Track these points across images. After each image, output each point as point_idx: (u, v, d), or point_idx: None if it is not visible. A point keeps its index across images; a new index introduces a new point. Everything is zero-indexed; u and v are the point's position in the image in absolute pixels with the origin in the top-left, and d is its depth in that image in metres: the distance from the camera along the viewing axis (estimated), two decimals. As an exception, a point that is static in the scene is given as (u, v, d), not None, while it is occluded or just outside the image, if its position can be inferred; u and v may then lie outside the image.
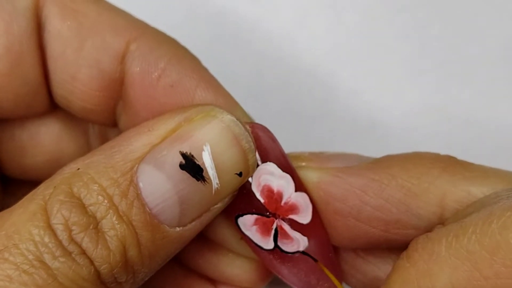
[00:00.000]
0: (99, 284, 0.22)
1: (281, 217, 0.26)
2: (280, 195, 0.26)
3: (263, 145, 0.26)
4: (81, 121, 0.31)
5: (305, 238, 0.26)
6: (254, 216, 0.26)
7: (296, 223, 0.26)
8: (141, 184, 0.23)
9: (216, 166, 0.24)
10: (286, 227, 0.26)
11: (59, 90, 0.28)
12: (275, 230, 0.26)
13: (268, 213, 0.26)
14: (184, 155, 0.23)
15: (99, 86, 0.27)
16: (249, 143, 0.25)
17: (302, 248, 0.26)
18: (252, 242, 0.26)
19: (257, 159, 0.26)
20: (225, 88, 0.27)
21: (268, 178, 0.26)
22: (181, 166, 0.23)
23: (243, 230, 0.26)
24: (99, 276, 0.22)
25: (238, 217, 0.26)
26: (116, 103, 0.28)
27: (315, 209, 0.26)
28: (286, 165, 0.26)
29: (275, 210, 0.26)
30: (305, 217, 0.26)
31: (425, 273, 0.21)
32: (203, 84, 0.26)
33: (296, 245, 0.26)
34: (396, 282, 0.22)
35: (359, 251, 0.28)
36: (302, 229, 0.26)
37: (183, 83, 0.26)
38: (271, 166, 0.26)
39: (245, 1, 0.43)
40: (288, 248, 0.26)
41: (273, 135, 0.26)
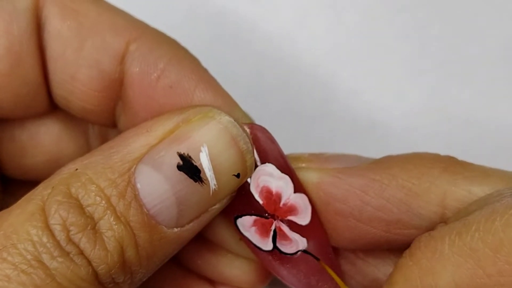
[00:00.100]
0: (97, 285, 0.23)
1: (280, 218, 0.26)
2: (279, 196, 0.26)
3: (262, 146, 0.26)
4: (81, 122, 0.31)
5: (304, 240, 0.26)
6: (253, 217, 0.26)
7: (295, 224, 0.26)
8: (139, 185, 0.23)
9: (214, 167, 0.24)
10: (285, 228, 0.26)
11: (59, 91, 0.28)
12: (274, 231, 0.26)
13: (267, 214, 0.26)
14: (182, 156, 0.23)
15: (99, 87, 0.27)
16: (247, 144, 0.25)
17: (301, 249, 0.26)
18: (251, 243, 0.26)
19: (256, 160, 0.26)
20: (225, 89, 0.27)
21: (267, 179, 0.26)
22: (179, 167, 0.23)
23: (242, 231, 0.26)
24: (97, 277, 0.22)
25: (237, 218, 0.26)
26: (116, 104, 0.28)
27: (314, 210, 0.26)
28: (285, 166, 0.26)
29: (274, 211, 0.26)
30: (304, 218, 0.26)
31: (428, 271, 0.21)
32: (202, 85, 0.26)
33: (295, 246, 0.26)
34: (399, 281, 0.22)
35: (359, 253, 0.28)
36: (301, 230, 0.26)
37: (182, 84, 0.26)
38: (270, 167, 0.26)
39: (245, 1, 0.43)
40: (287, 249, 0.26)
41: (272, 136, 0.26)
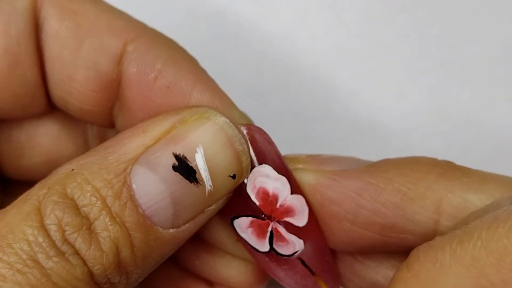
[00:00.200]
0: (93, 285, 0.22)
1: (277, 220, 0.26)
2: (276, 198, 0.26)
3: (259, 147, 0.26)
4: (80, 122, 0.31)
5: (301, 241, 0.26)
6: (250, 219, 0.26)
7: (292, 226, 0.26)
8: (134, 186, 0.23)
9: (209, 168, 0.24)
10: (282, 230, 0.26)
11: (57, 91, 0.28)
12: (271, 233, 0.26)
13: (264, 216, 0.26)
14: (177, 157, 0.23)
15: (96, 87, 0.27)
16: (243, 145, 0.25)
17: (299, 251, 0.26)
18: (248, 244, 0.26)
19: (253, 161, 0.26)
20: (224, 89, 0.27)
21: (264, 181, 0.26)
22: (174, 168, 0.23)
23: (239, 232, 0.26)
24: (93, 277, 0.22)
25: (234, 219, 0.26)
26: (113, 104, 0.28)
27: (312, 212, 0.26)
28: (282, 168, 0.26)
29: (271, 213, 0.26)
30: (301, 220, 0.26)
31: (429, 283, 0.21)
32: (200, 86, 0.26)
33: (292, 248, 0.26)
34: None
35: (357, 255, 0.28)
36: (298, 232, 0.26)
37: (180, 85, 0.26)
38: (267, 169, 0.26)
39: (245, 1, 0.43)
40: (284, 251, 0.26)
41: (269, 137, 0.26)
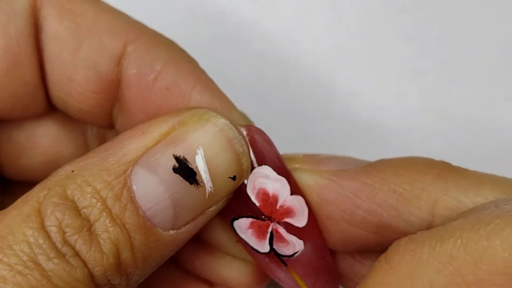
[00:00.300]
0: (93, 286, 0.22)
1: (277, 221, 0.26)
2: (276, 199, 0.26)
3: (259, 148, 0.26)
4: (79, 123, 0.31)
5: (301, 242, 0.26)
6: (250, 220, 0.26)
7: (292, 227, 0.26)
8: (135, 187, 0.23)
9: (210, 170, 0.24)
10: (282, 231, 0.26)
11: (56, 92, 0.28)
12: (271, 234, 0.26)
13: (264, 217, 0.26)
14: (178, 159, 0.23)
15: (96, 88, 0.27)
16: (243, 147, 0.25)
17: (299, 252, 0.26)
18: (248, 245, 0.26)
19: (253, 162, 0.26)
20: (224, 89, 0.27)
21: (264, 182, 0.26)
22: (175, 170, 0.23)
23: (239, 233, 0.26)
24: (93, 278, 0.22)
25: (234, 220, 0.26)
26: (113, 105, 0.28)
27: (311, 212, 0.26)
28: (282, 168, 0.26)
29: (271, 214, 0.26)
30: (301, 221, 0.26)
31: (406, 276, 0.21)
32: (199, 87, 0.26)
33: (292, 249, 0.26)
34: (374, 285, 0.22)
35: (356, 255, 0.28)
36: (298, 233, 0.26)
37: (179, 86, 0.26)
38: (267, 170, 0.26)
39: (245, 1, 0.43)
40: (284, 252, 0.26)
41: (269, 138, 0.26)
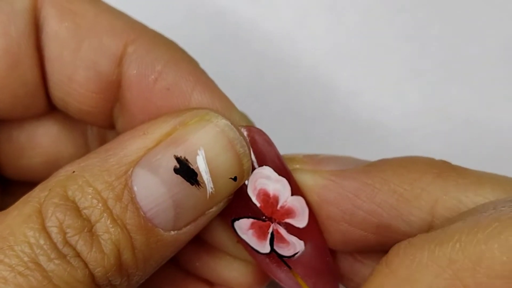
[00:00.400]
0: (94, 287, 0.22)
1: (277, 221, 0.26)
2: (276, 199, 0.26)
3: (260, 149, 0.26)
4: (80, 123, 0.31)
5: (302, 242, 0.26)
6: (250, 220, 0.26)
7: (293, 227, 0.26)
8: (136, 188, 0.23)
9: (211, 171, 0.24)
10: (282, 231, 0.26)
11: (56, 92, 0.28)
12: (271, 234, 0.26)
13: (264, 217, 0.26)
14: (179, 159, 0.23)
15: (96, 88, 0.27)
16: (244, 148, 0.25)
17: (299, 252, 0.26)
18: (249, 246, 0.26)
19: (254, 163, 0.26)
20: (224, 89, 0.27)
21: (264, 182, 0.26)
22: (176, 170, 0.23)
23: (239, 234, 0.26)
24: (94, 279, 0.22)
25: (234, 221, 0.26)
26: (113, 105, 0.28)
27: (312, 213, 0.26)
28: (282, 169, 0.26)
29: (271, 214, 0.26)
30: (302, 221, 0.26)
31: (405, 280, 0.21)
32: (200, 87, 0.26)
33: (293, 249, 0.26)
34: None
35: (357, 255, 0.28)
36: (299, 233, 0.26)
37: (180, 86, 0.26)
38: (267, 170, 0.26)
39: (245, 1, 0.43)
40: (285, 252, 0.26)
41: (270, 139, 0.26)
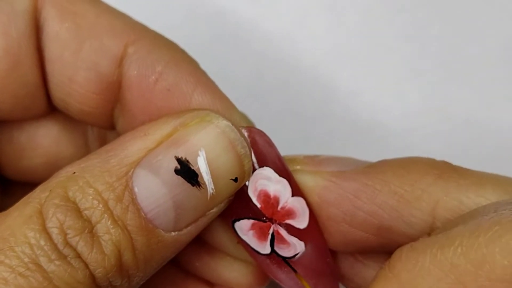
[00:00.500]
0: None
1: (278, 222, 0.26)
2: (277, 200, 0.26)
3: (260, 150, 0.26)
4: (80, 123, 0.31)
5: (302, 243, 0.26)
6: (251, 221, 0.26)
7: (293, 228, 0.26)
8: (136, 189, 0.23)
9: (211, 172, 0.24)
10: (283, 232, 0.26)
11: (57, 93, 0.28)
12: (272, 235, 0.26)
13: (265, 218, 0.26)
14: (180, 160, 0.23)
15: (97, 89, 0.27)
16: (245, 149, 0.25)
17: (300, 253, 0.26)
18: (249, 247, 0.26)
19: (254, 164, 0.26)
20: (224, 89, 0.27)
21: (265, 183, 0.26)
22: (176, 171, 0.23)
23: (240, 235, 0.26)
24: (94, 280, 0.22)
25: (235, 222, 0.26)
26: (114, 106, 0.28)
27: (312, 214, 0.26)
28: (283, 170, 0.26)
29: (272, 215, 0.26)
30: (302, 222, 0.26)
31: (408, 284, 0.21)
32: (200, 88, 0.26)
33: (293, 250, 0.26)
34: None
35: (358, 255, 0.28)
36: (299, 234, 0.26)
37: (180, 87, 0.26)
38: (268, 171, 0.26)
39: (245, 1, 0.43)
40: (285, 253, 0.26)
41: (270, 140, 0.26)
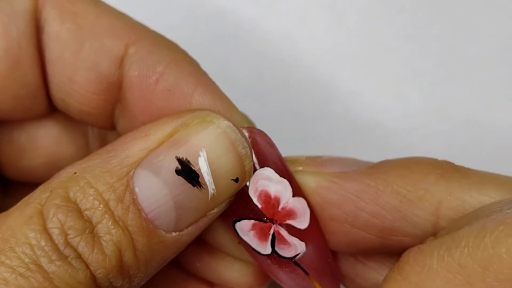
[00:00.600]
0: None
1: (279, 222, 0.26)
2: (278, 200, 0.26)
3: (261, 150, 0.26)
4: (80, 124, 0.31)
5: (303, 243, 0.26)
6: (252, 221, 0.26)
7: (294, 228, 0.26)
8: (137, 189, 0.23)
9: (212, 172, 0.24)
10: (284, 233, 0.26)
11: (57, 93, 0.28)
12: (273, 235, 0.26)
13: (266, 218, 0.26)
14: (180, 161, 0.23)
15: (97, 89, 0.27)
16: (246, 149, 0.25)
17: (300, 254, 0.26)
18: (250, 247, 0.26)
19: (255, 164, 0.26)
20: (224, 89, 0.27)
21: (266, 184, 0.26)
22: (177, 172, 0.23)
23: (241, 235, 0.26)
24: (95, 280, 0.22)
25: (236, 222, 0.26)
26: (114, 107, 0.28)
27: (313, 214, 0.26)
28: (284, 170, 0.26)
29: (273, 215, 0.26)
30: (303, 222, 0.26)
31: (417, 286, 0.21)
32: (201, 89, 0.26)
33: (294, 250, 0.26)
34: None
35: (359, 256, 0.28)
36: (300, 234, 0.26)
37: (181, 87, 0.26)
38: (269, 171, 0.26)
39: (245, 1, 0.43)
40: (286, 254, 0.26)
41: (271, 140, 0.26)
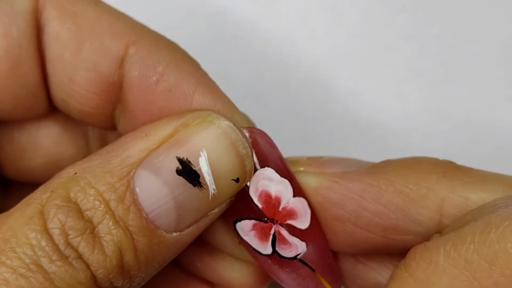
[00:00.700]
0: None
1: (279, 223, 0.26)
2: (278, 201, 0.26)
3: (262, 150, 0.26)
4: (81, 124, 0.31)
5: (303, 244, 0.26)
6: (252, 221, 0.26)
7: (295, 229, 0.26)
8: (138, 189, 0.23)
9: (213, 172, 0.24)
10: (284, 233, 0.26)
11: (58, 93, 0.28)
12: (273, 236, 0.26)
13: (266, 218, 0.26)
14: (181, 161, 0.23)
15: (97, 89, 0.27)
16: (246, 149, 0.25)
17: (301, 254, 0.26)
18: (251, 247, 0.26)
19: (256, 164, 0.26)
20: (225, 90, 0.27)
21: (266, 184, 0.26)
22: (178, 172, 0.23)
23: (241, 235, 0.26)
24: (96, 281, 0.22)
25: (236, 222, 0.26)
26: (115, 107, 0.28)
27: (314, 214, 0.26)
28: (284, 170, 0.26)
29: (273, 216, 0.26)
30: (304, 223, 0.26)
31: (423, 283, 0.21)
32: (202, 89, 0.26)
33: (295, 251, 0.26)
34: None
35: (359, 256, 0.28)
36: (301, 235, 0.26)
37: (181, 88, 0.26)
38: (269, 172, 0.26)
39: (245, 1, 0.43)
40: (286, 254, 0.26)
41: (272, 140, 0.26)
